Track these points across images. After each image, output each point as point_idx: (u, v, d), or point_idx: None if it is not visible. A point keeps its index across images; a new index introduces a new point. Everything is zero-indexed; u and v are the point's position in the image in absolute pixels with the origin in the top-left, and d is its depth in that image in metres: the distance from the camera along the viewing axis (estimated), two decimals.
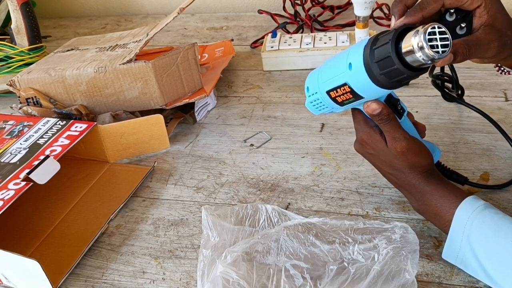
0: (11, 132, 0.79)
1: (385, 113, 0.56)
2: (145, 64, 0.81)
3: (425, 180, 0.59)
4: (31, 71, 0.89)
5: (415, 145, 0.58)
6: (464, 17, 0.55)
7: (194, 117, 0.90)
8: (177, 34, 1.29)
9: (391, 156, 0.59)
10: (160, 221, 0.70)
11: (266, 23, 1.25)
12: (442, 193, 0.58)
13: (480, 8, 0.54)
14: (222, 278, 0.55)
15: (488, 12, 0.53)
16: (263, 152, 0.81)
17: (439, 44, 0.49)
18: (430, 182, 0.59)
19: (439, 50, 0.49)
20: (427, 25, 0.50)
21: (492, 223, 0.53)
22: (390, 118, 0.57)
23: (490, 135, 0.76)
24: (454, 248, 0.55)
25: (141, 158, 0.83)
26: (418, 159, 0.58)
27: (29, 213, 0.74)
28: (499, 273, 0.52)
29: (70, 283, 0.63)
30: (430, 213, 0.59)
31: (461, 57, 0.52)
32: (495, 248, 0.52)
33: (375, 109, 0.56)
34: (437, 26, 0.50)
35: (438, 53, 0.49)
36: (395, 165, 0.59)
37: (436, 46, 0.49)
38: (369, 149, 0.61)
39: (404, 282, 0.53)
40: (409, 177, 0.60)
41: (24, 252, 0.66)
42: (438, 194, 0.58)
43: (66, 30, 1.43)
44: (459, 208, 0.55)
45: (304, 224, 0.61)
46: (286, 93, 0.95)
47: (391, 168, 0.61)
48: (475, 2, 0.54)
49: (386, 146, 0.58)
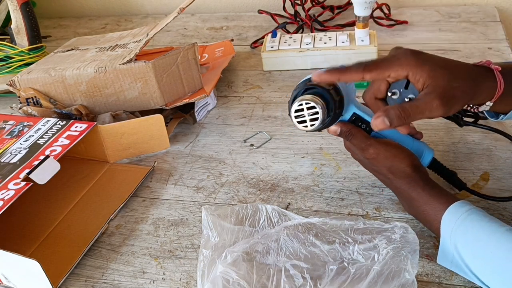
0: (11, 132, 0.79)
1: (344, 131, 0.61)
2: (145, 64, 0.81)
3: (409, 186, 0.59)
4: (31, 71, 0.89)
5: (385, 150, 0.59)
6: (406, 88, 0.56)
7: (194, 117, 0.90)
8: (177, 34, 1.29)
9: (369, 164, 0.63)
10: (160, 221, 0.70)
11: (266, 23, 1.25)
12: (426, 199, 0.57)
13: (410, 76, 0.53)
14: (222, 278, 0.55)
15: (420, 75, 0.53)
16: (263, 152, 0.81)
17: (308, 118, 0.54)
18: (414, 187, 0.59)
19: (307, 124, 0.54)
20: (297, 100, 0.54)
21: (475, 231, 0.52)
22: (352, 132, 0.61)
23: (490, 135, 0.76)
24: (447, 254, 0.55)
25: (141, 158, 0.83)
26: (392, 163, 0.59)
27: (29, 213, 0.74)
28: (490, 280, 0.51)
29: (70, 283, 0.63)
30: (421, 218, 0.60)
31: (398, 121, 0.52)
32: (481, 254, 0.52)
33: (335, 130, 0.62)
34: (304, 103, 0.54)
35: (306, 127, 0.54)
36: (378, 171, 0.62)
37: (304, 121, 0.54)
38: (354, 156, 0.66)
39: (404, 282, 0.53)
40: (395, 182, 0.61)
41: (24, 252, 0.66)
42: (422, 200, 0.58)
43: (66, 30, 1.43)
44: (445, 214, 0.55)
45: (304, 224, 0.61)
46: (286, 93, 0.95)
47: (377, 174, 0.64)
48: (401, 73, 0.53)
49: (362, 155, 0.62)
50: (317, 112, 0.53)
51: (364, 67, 0.54)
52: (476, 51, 1.00)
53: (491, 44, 1.01)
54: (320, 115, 0.54)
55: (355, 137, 0.61)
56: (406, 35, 1.09)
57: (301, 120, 0.55)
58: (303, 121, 0.55)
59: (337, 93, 0.57)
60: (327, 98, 0.56)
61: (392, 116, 0.52)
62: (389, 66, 0.54)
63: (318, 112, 0.53)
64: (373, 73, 0.54)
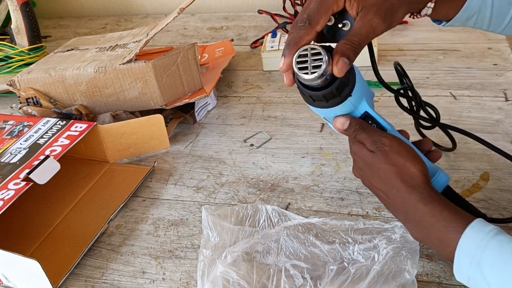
0: (11, 132, 0.79)
1: (354, 124, 0.56)
2: (145, 64, 0.81)
3: (422, 198, 0.51)
4: (31, 71, 0.89)
5: (398, 144, 0.54)
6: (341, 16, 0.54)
7: (194, 117, 0.90)
8: (177, 34, 1.29)
9: (378, 162, 0.54)
10: (160, 221, 0.70)
11: (266, 23, 1.25)
12: (445, 214, 0.50)
13: (346, 4, 0.52)
14: (222, 278, 0.55)
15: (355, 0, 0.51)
16: (263, 152, 0.81)
17: (310, 65, 0.50)
18: (428, 200, 0.51)
19: (308, 71, 0.50)
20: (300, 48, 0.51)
21: (506, 254, 0.46)
22: (362, 126, 0.56)
23: (490, 135, 0.76)
24: (463, 272, 0.48)
25: (141, 158, 0.83)
26: (405, 162, 0.53)
27: (29, 213, 0.74)
28: None
29: (70, 283, 0.63)
30: (432, 238, 0.51)
31: (353, 53, 0.50)
32: None
33: (343, 123, 0.56)
34: (310, 48, 0.50)
35: (307, 74, 0.50)
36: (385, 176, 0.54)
37: (306, 68, 0.50)
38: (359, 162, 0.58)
39: (404, 282, 0.53)
40: (403, 194, 0.53)
41: (24, 252, 0.66)
42: (441, 215, 0.50)
43: (66, 30, 1.43)
44: (465, 233, 0.48)
45: (304, 224, 0.61)
46: (286, 93, 0.95)
47: (382, 182, 0.55)
48: (340, 4, 0.52)
49: (370, 152, 0.55)
50: (321, 59, 0.50)
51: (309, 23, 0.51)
52: (476, 51, 1.00)
53: (491, 44, 1.01)
54: (324, 62, 0.49)
55: (365, 131, 0.56)
56: (406, 35, 1.09)
57: (303, 67, 0.51)
58: (304, 68, 0.50)
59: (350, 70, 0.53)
60: None
61: (347, 52, 0.50)
62: (327, 6, 0.52)
63: (322, 59, 0.50)
64: (321, 21, 0.52)
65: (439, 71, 0.95)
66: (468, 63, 0.96)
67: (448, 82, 0.91)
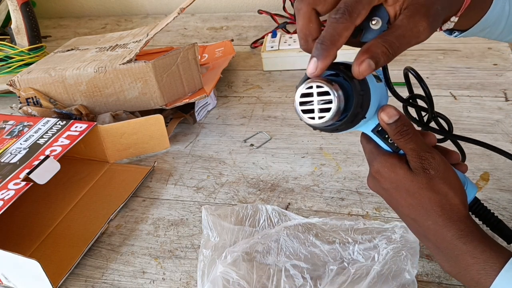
0: (11, 132, 0.79)
1: (403, 122, 0.44)
2: (145, 64, 0.81)
3: (462, 235, 0.44)
4: (31, 71, 0.89)
5: (445, 170, 0.45)
6: (373, 11, 0.42)
7: (194, 117, 0.90)
8: (177, 34, 1.29)
9: (416, 186, 0.45)
10: (160, 221, 0.70)
11: (266, 23, 1.26)
12: (486, 255, 0.43)
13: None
14: (222, 278, 0.55)
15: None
16: (263, 152, 0.81)
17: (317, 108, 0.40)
18: (468, 238, 0.44)
19: (313, 116, 0.40)
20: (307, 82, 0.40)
21: None
22: (413, 131, 0.44)
23: (490, 135, 0.76)
24: None
25: (141, 158, 0.83)
26: (448, 191, 0.45)
27: (29, 213, 0.74)
28: None
29: (70, 283, 0.63)
30: (468, 279, 0.45)
31: (385, 58, 0.40)
32: None
33: (392, 115, 0.44)
34: (315, 85, 0.40)
35: (313, 119, 0.40)
36: (421, 203, 0.45)
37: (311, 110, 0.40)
38: (384, 182, 0.47)
39: (404, 282, 0.53)
40: (440, 229, 0.45)
41: (24, 252, 0.66)
42: (481, 256, 0.44)
43: (66, 30, 1.43)
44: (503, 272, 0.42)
45: (304, 224, 0.61)
46: (286, 93, 0.95)
47: (414, 208, 0.46)
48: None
49: (409, 171, 0.45)
50: (330, 101, 0.39)
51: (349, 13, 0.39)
52: (476, 51, 1.00)
53: (491, 44, 1.01)
54: (334, 106, 0.39)
55: (413, 139, 0.44)
56: None
57: (308, 109, 0.40)
58: (309, 111, 0.40)
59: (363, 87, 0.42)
60: (348, 89, 0.41)
61: (378, 55, 0.39)
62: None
63: (331, 101, 0.39)
64: (363, 12, 0.40)
65: (439, 71, 0.95)
66: (468, 63, 0.96)
67: (448, 82, 0.91)
